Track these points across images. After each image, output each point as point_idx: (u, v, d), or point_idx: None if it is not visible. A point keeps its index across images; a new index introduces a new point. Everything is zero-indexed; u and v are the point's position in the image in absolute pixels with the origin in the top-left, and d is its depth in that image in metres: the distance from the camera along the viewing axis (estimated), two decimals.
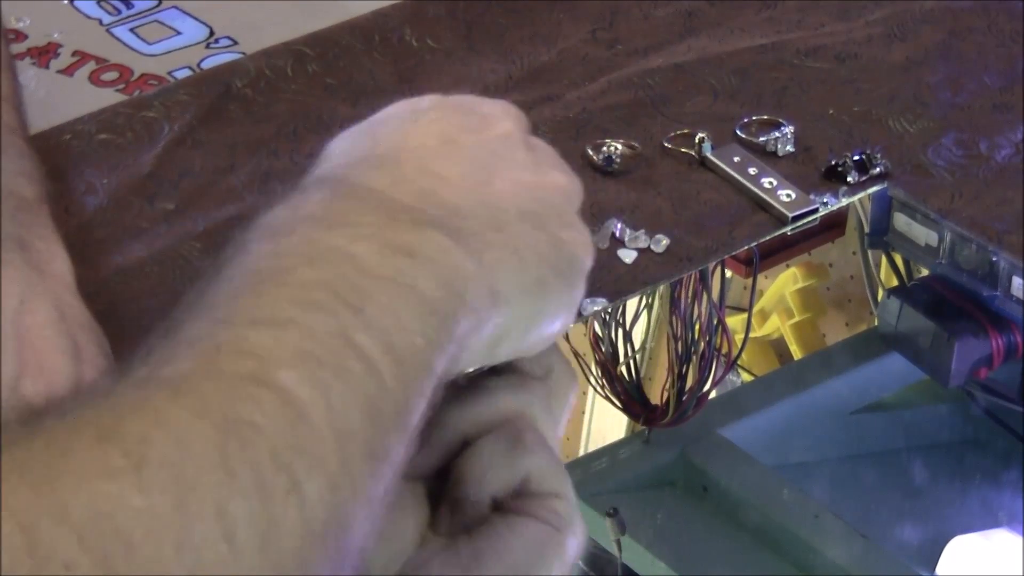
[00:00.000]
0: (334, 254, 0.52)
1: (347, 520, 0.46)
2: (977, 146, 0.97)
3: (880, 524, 1.25)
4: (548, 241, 0.59)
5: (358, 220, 0.54)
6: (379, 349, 0.49)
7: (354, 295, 0.50)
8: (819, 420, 1.35)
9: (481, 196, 0.58)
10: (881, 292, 1.50)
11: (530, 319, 0.58)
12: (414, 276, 0.52)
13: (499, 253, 0.57)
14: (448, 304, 0.53)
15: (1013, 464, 1.30)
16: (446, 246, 0.54)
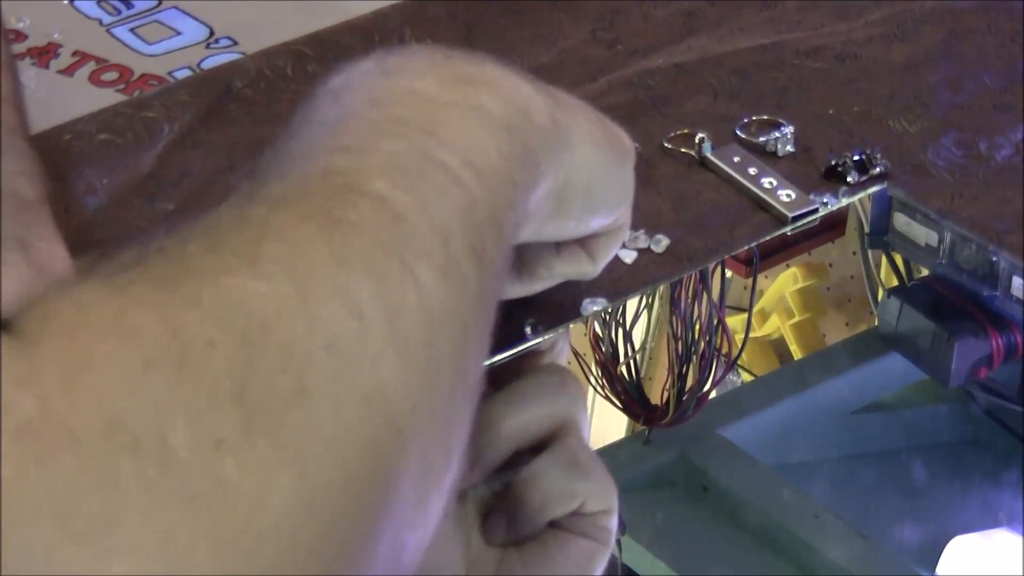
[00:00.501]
0: (397, 93, 0.53)
1: (463, 311, 0.47)
2: (977, 146, 0.97)
3: (880, 524, 1.25)
4: (594, 115, 0.62)
5: (414, 64, 0.55)
6: (459, 162, 0.51)
7: (424, 121, 0.52)
8: (819, 420, 1.35)
9: (555, 125, 0.60)
10: (881, 292, 1.51)
11: (591, 172, 0.60)
12: (478, 98, 0.54)
13: (554, 98, 0.59)
14: (515, 119, 0.55)
15: (1013, 464, 1.30)
16: (504, 72, 0.57)
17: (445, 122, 0.52)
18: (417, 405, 0.44)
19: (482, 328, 0.49)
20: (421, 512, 0.45)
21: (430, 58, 0.57)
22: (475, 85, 0.55)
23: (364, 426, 0.42)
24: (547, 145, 0.57)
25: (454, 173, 0.50)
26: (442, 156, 0.51)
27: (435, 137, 0.51)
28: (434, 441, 0.45)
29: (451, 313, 0.47)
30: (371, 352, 0.43)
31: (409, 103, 0.53)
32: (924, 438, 1.38)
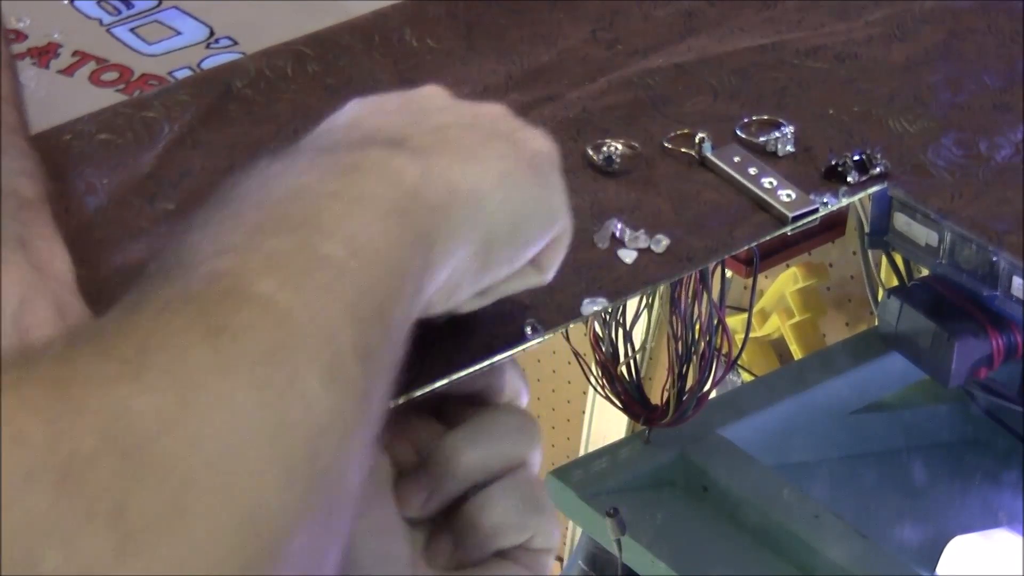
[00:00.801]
0: (282, 192, 0.53)
1: (346, 416, 0.46)
2: (977, 146, 0.97)
3: (880, 524, 1.25)
4: (503, 140, 0.60)
5: (301, 162, 0.55)
6: (345, 253, 0.50)
7: (308, 216, 0.51)
8: (819, 420, 1.35)
9: (423, 127, 0.60)
10: (881, 292, 1.51)
11: (511, 216, 0.59)
12: (361, 185, 0.54)
13: (450, 156, 0.58)
14: (405, 203, 0.54)
15: (1013, 464, 1.30)
16: (389, 156, 0.56)
17: (328, 213, 0.52)
18: (295, 526, 0.43)
19: (365, 431, 0.48)
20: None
21: (312, 153, 0.56)
22: (359, 172, 0.54)
23: (241, 551, 0.41)
24: (448, 220, 0.56)
25: (340, 265, 0.50)
26: (327, 248, 0.50)
27: (318, 229, 0.51)
28: (309, 559, 0.44)
29: (336, 422, 0.46)
30: (252, 470, 0.42)
31: (291, 200, 0.52)
32: (924, 438, 1.38)
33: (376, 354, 0.49)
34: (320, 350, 0.46)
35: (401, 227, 0.53)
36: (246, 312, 0.46)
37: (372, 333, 0.49)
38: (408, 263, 0.53)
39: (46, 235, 0.80)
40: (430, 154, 0.57)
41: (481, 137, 0.60)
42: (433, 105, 0.63)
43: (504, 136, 0.61)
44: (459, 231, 0.56)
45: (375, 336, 0.49)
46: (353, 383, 0.47)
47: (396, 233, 0.53)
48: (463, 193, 0.57)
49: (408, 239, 0.53)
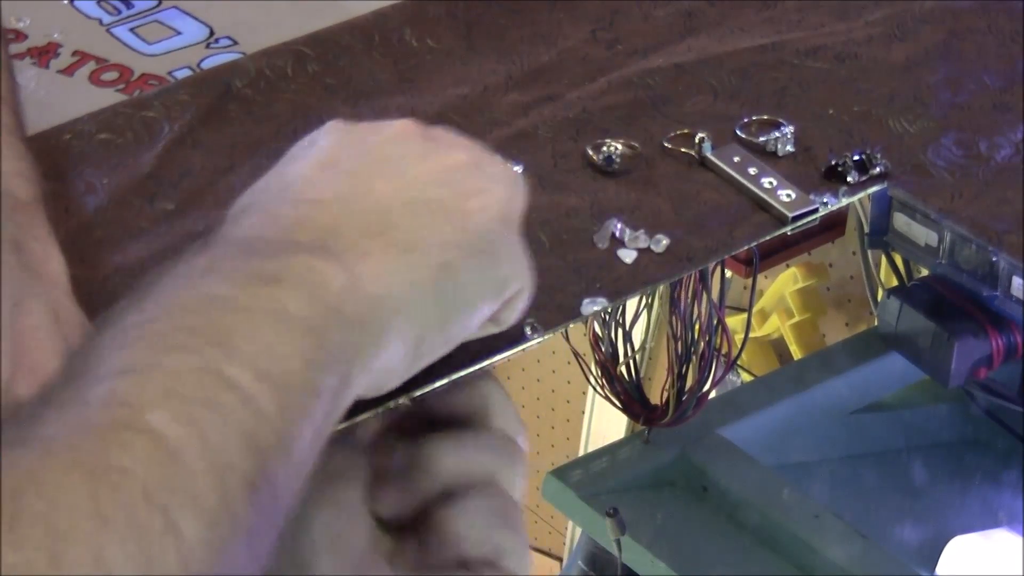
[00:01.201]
0: (196, 301, 0.51)
1: (229, 555, 0.45)
2: (977, 146, 0.97)
3: (880, 524, 1.25)
4: (449, 221, 0.57)
5: (221, 266, 0.53)
6: (250, 377, 0.48)
7: (217, 332, 0.49)
8: (819, 420, 1.35)
9: (360, 206, 0.57)
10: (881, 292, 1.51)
11: (447, 309, 0.57)
12: (280, 300, 0.51)
13: (379, 258, 0.55)
14: (323, 320, 0.52)
15: (1013, 464, 1.30)
16: (313, 265, 0.53)
17: (240, 331, 0.50)
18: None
19: (256, 567, 0.47)
20: None
21: (236, 254, 0.54)
22: (279, 285, 0.52)
23: None
24: (371, 334, 0.53)
25: (243, 391, 0.48)
26: (231, 371, 0.48)
27: (226, 349, 0.49)
28: None
29: (214, 561, 0.44)
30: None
31: (202, 311, 0.50)
32: (924, 438, 1.38)
33: (273, 481, 0.48)
34: (205, 492, 0.45)
35: (317, 348, 0.51)
36: (135, 449, 0.45)
37: (271, 462, 0.48)
38: (321, 383, 0.51)
39: (41, 237, 0.80)
40: (358, 260, 0.55)
41: (423, 220, 0.57)
42: (388, 158, 0.60)
43: (451, 214, 0.58)
44: (384, 340, 0.54)
45: (274, 464, 0.48)
46: (238, 521, 0.46)
47: (312, 354, 0.51)
48: (392, 300, 0.55)
49: (324, 360, 0.51)
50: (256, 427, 0.48)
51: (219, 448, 0.46)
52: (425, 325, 0.56)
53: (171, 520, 0.44)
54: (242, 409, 0.48)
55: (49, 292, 0.76)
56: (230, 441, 0.47)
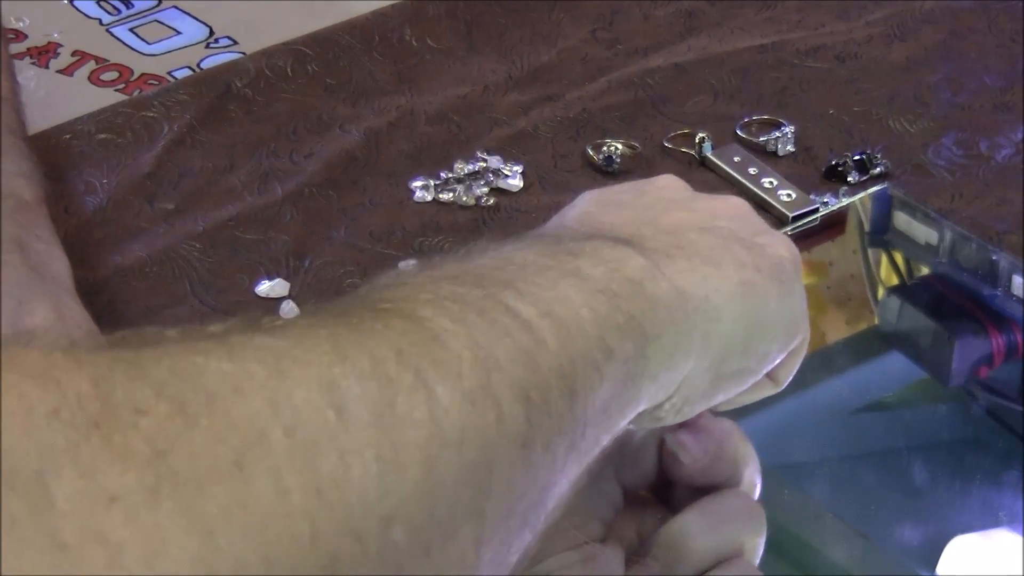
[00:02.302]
0: (489, 259, 0.49)
1: (488, 447, 0.42)
2: (977, 146, 0.97)
3: (880, 524, 1.25)
4: (743, 246, 0.56)
5: (521, 242, 0.51)
6: (535, 312, 0.46)
7: (506, 276, 0.47)
8: (819, 420, 1.35)
9: (655, 228, 0.55)
10: (881, 291, 1.51)
11: (749, 330, 0.55)
12: (576, 263, 0.49)
13: (683, 263, 0.53)
14: (621, 287, 0.49)
15: (1013, 464, 1.30)
16: (614, 245, 0.51)
17: (531, 279, 0.47)
18: (394, 520, 0.39)
19: (521, 480, 0.43)
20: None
21: (534, 238, 0.52)
22: (578, 255, 0.50)
23: (308, 517, 0.37)
24: (674, 322, 0.51)
25: (523, 319, 0.45)
26: (514, 303, 0.46)
27: (513, 289, 0.46)
28: (411, 562, 0.40)
29: (472, 443, 0.41)
30: (342, 449, 0.38)
31: (494, 266, 0.48)
32: (924, 438, 1.38)
33: (549, 408, 0.44)
34: (467, 373, 0.42)
35: (611, 307, 0.48)
36: (392, 322, 0.42)
37: (548, 387, 0.45)
38: (614, 343, 0.48)
39: (44, 237, 0.80)
40: (661, 255, 0.53)
41: (719, 241, 0.55)
42: (666, 199, 0.58)
43: (744, 241, 0.56)
44: (688, 337, 0.52)
45: (553, 391, 0.45)
46: (503, 419, 0.42)
47: (604, 311, 0.48)
48: (696, 300, 0.52)
49: (617, 320, 0.48)
50: (534, 350, 0.45)
51: (488, 349, 0.43)
52: (729, 341, 0.54)
53: (424, 380, 0.41)
54: (520, 331, 0.45)
55: (53, 292, 0.76)
56: (501, 347, 0.44)
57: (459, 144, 0.97)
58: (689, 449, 0.60)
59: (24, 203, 0.80)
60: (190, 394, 0.37)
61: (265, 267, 0.88)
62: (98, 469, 0.35)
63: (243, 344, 0.39)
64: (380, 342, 0.41)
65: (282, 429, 0.37)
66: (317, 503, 0.37)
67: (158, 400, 0.37)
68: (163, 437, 0.36)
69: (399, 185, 0.93)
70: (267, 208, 0.92)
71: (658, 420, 0.54)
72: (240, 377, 0.38)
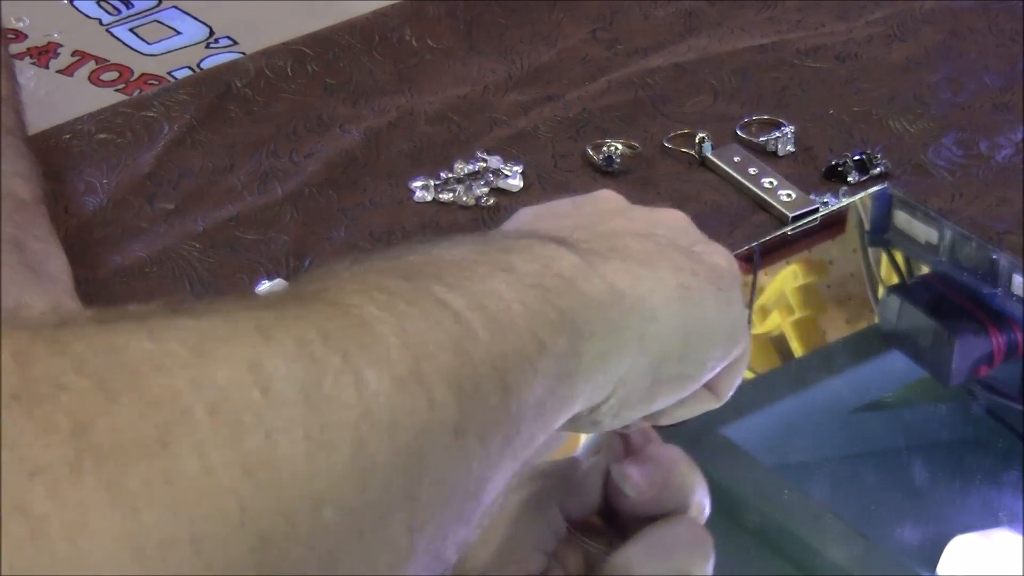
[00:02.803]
0: (419, 255, 0.48)
1: (420, 434, 0.41)
2: (977, 146, 0.97)
3: (880, 524, 1.25)
4: (680, 252, 0.55)
5: (458, 238, 0.51)
6: (465, 304, 0.45)
7: (436, 270, 0.46)
8: (819, 419, 1.35)
9: (593, 230, 0.55)
10: (881, 290, 1.51)
11: (687, 333, 0.54)
12: (508, 260, 0.49)
13: (619, 264, 0.53)
14: (553, 283, 0.49)
15: (1014, 463, 1.30)
16: (547, 244, 0.51)
17: (461, 274, 0.47)
18: (325, 500, 0.38)
19: (455, 469, 0.43)
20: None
21: (479, 236, 0.52)
22: (509, 252, 0.50)
23: (235, 495, 0.36)
24: (608, 321, 0.50)
25: (453, 310, 0.45)
26: (444, 295, 0.45)
27: (442, 282, 0.46)
28: (352, 561, 0.39)
29: (403, 427, 0.41)
30: (269, 426, 0.38)
31: (426, 260, 0.48)
32: (924, 437, 1.38)
33: (488, 406, 0.44)
34: (398, 360, 0.42)
35: (543, 302, 0.48)
36: (316, 309, 0.42)
37: (483, 382, 0.44)
38: (548, 340, 0.47)
39: (42, 236, 0.80)
40: (597, 255, 0.52)
41: (656, 247, 0.55)
42: (605, 209, 0.58)
43: (681, 248, 0.56)
44: (624, 335, 0.51)
45: (486, 383, 0.44)
46: (434, 406, 0.42)
47: (536, 306, 0.48)
48: (631, 299, 0.52)
49: (550, 316, 0.48)
50: (465, 340, 0.44)
51: (417, 336, 0.43)
52: (666, 344, 0.53)
53: (352, 363, 0.40)
54: (450, 321, 0.44)
55: (50, 291, 0.76)
56: (431, 336, 0.43)
57: (459, 144, 0.97)
58: (635, 481, 0.60)
59: (22, 203, 0.80)
60: (111, 371, 0.37)
61: (265, 267, 0.88)
62: (19, 442, 0.35)
63: (164, 325, 0.39)
64: (305, 325, 0.41)
65: (205, 406, 0.37)
66: (244, 481, 0.37)
67: (79, 376, 0.36)
68: (84, 412, 0.36)
69: (399, 185, 0.93)
70: (267, 208, 0.92)
71: (595, 424, 0.53)
72: (162, 356, 0.38)
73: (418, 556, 0.42)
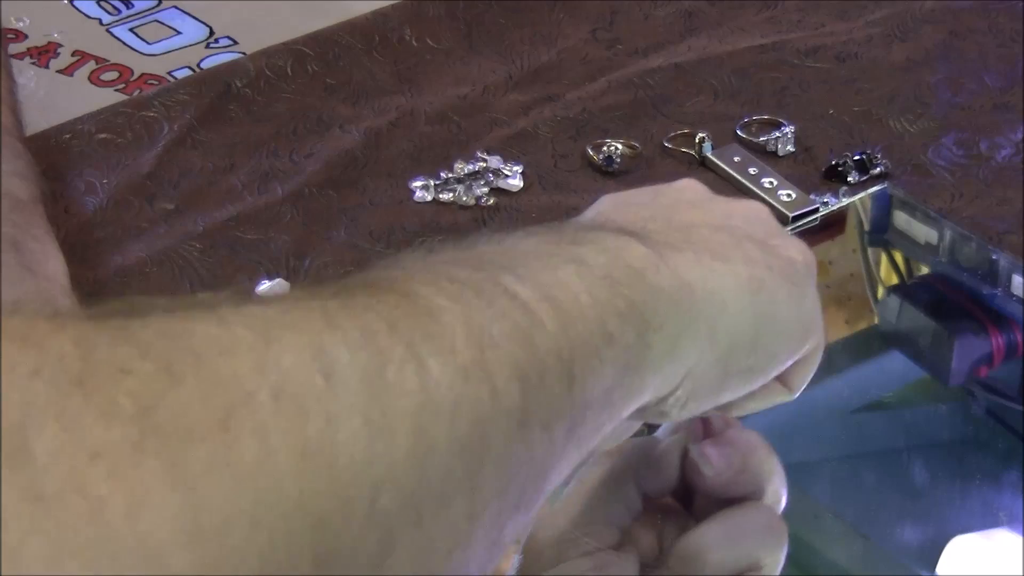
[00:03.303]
0: (490, 247, 0.49)
1: (482, 422, 0.42)
2: (977, 146, 0.97)
3: (880, 524, 1.25)
4: (755, 245, 0.55)
5: (532, 230, 0.51)
6: (533, 295, 0.45)
7: (507, 261, 0.47)
8: (819, 419, 1.35)
9: (666, 224, 0.55)
10: (881, 290, 1.51)
11: (759, 326, 0.54)
12: (578, 251, 0.49)
13: (691, 256, 0.52)
14: (623, 275, 0.49)
15: (1013, 464, 1.30)
16: (618, 235, 0.51)
17: (531, 265, 0.47)
18: (384, 486, 0.39)
19: (517, 458, 0.43)
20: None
21: (549, 226, 0.51)
22: (580, 244, 0.50)
23: (295, 478, 0.37)
24: (679, 312, 0.50)
25: (521, 300, 0.45)
26: (512, 286, 0.45)
27: (512, 273, 0.46)
28: (409, 545, 0.39)
29: (465, 416, 0.41)
30: (330, 412, 0.38)
31: (494, 252, 0.48)
32: (924, 437, 1.38)
33: (552, 395, 0.44)
34: (462, 348, 0.42)
35: (612, 293, 0.48)
36: (385, 298, 0.42)
37: (545, 368, 0.44)
38: (615, 329, 0.47)
39: (39, 236, 0.80)
40: (669, 247, 0.52)
41: (730, 239, 0.54)
42: (684, 200, 0.58)
43: (756, 240, 0.55)
44: (694, 327, 0.51)
45: (550, 373, 0.44)
46: (498, 395, 0.42)
47: (604, 297, 0.48)
48: (701, 291, 0.51)
49: (619, 306, 0.48)
50: (531, 330, 0.44)
51: (483, 327, 0.43)
52: (736, 336, 0.53)
53: (415, 353, 0.41)
54: (517, 311, 0.45)
55: (48, 291, 0.76)
56: (497, 326, 0.43)
57: (459, 144, 0.97)
58: (713, 461, 0.60)
59: (20, 202, 0.80)
60: (176, 354, 0.37)
61: (265, 267, 0.88)
62: (81, 425, 0.35)
63: (232, 311, 0.39)
64: (372, 315, 0.41)
65: (269, 390, 0.37)
66: (304, 465, 0.37)
67: (143, 360, 0.37)
68: (148, 394, 0.36)
69: (399, 185, 0.93)
70: (267, 208, 0.92)
71: (663, 415, 0.53)
72: (228, 340, 0.38)
73: (476, 542, 0.42)
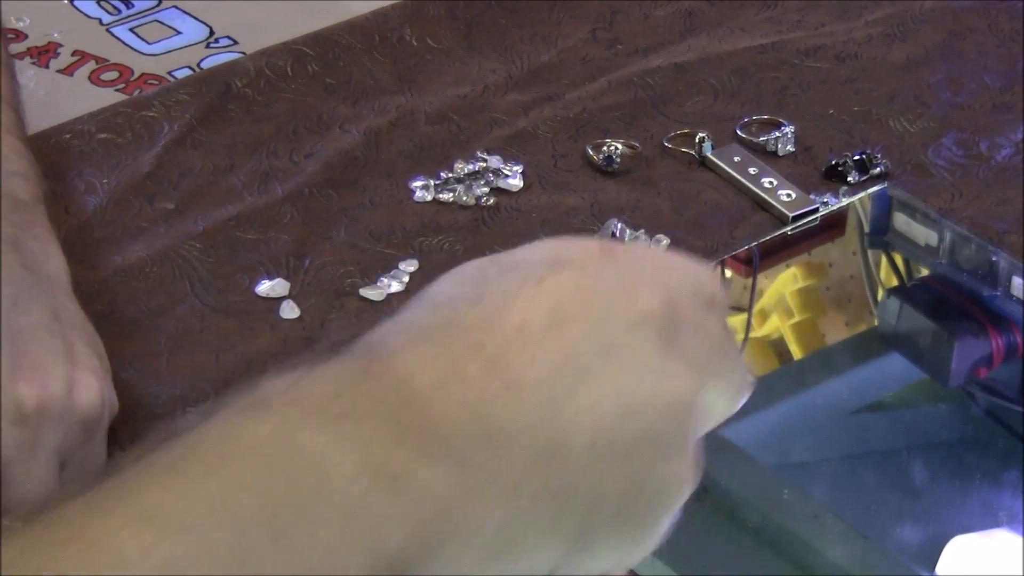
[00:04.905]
0: (288, 454, 0.44)
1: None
2: (977, 146, 0.97)
3: (880, 524, 1.25)
4: (627, 477, 0.50)
5: (353, 413, 0.45)
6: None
7: (284, 514, 0.43)
8: (819, 420, 1.35)
9: (547, 417, 0.47)
10: (881, 292, 1.51)
11: (571, 562, 0.51)
12: (381, 514, 0.44)
13: (524, 501, 0.47)
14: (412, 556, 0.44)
15: (1013, 464, 1.30)
16: (438, 486, 0.45)
17: (305, 527, 0.43)
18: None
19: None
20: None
21: (384, 413, 0.45)
22: (395, 494, 0.44)
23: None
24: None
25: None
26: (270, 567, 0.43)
27: (277, 546, 0.43)
28: None
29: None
30: None
31: (292, 476, 0.44)
32: (924, 438, 1.38)
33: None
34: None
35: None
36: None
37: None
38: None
39: (40, 236, 0.80)
40: (495, 491, 0.46)
41: (600, 463, 0.48)
42: (624, 350, 0.49)
43: (639, 466, 0.50)
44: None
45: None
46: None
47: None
48: (508, 541, 0.48)
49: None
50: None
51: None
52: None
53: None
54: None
55: (49, 291, 0.76)
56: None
57: (459, 144, 0.96)
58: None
59: (20, 202, 0.80)
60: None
61: (265, 267, 0.88)
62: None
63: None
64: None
65: None
66: None
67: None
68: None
69: (399, 185, 0.93)
70: (267, 208, 0.92)
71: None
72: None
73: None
